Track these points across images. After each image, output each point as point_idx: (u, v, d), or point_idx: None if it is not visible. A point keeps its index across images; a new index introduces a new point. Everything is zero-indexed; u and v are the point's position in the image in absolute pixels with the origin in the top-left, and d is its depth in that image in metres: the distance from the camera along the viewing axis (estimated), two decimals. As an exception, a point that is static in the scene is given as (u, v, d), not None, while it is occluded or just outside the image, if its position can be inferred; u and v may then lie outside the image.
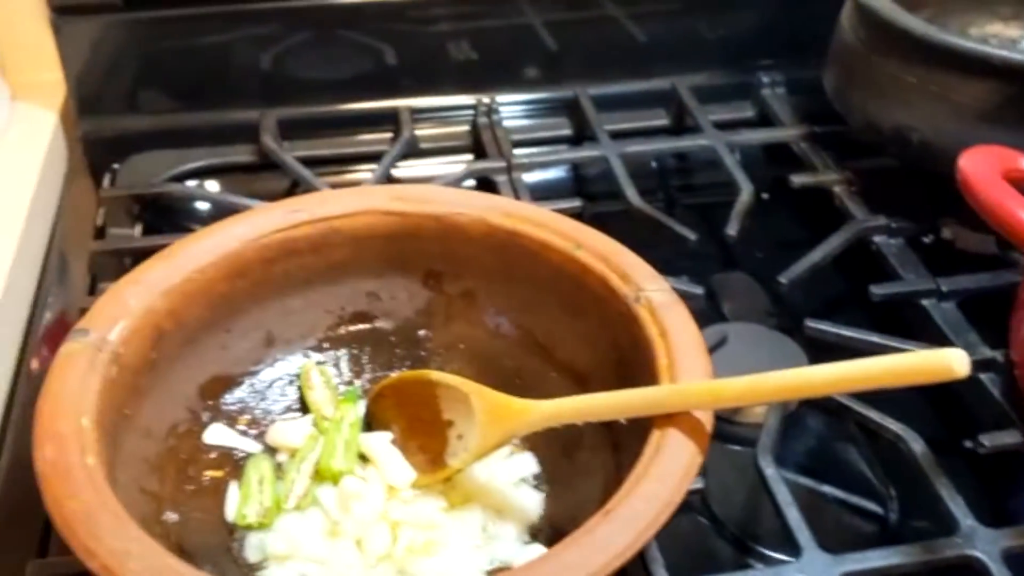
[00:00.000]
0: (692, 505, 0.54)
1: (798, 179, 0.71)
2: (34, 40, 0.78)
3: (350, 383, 0.54)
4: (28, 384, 0.59)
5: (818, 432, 0.59)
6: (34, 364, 0.60)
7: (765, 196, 0.74)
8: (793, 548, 0.47)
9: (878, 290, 0.61)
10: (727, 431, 0.57)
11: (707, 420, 0.40)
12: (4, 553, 0.49)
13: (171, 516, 0.45)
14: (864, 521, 0.54)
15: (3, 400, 0.59)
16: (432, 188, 0.55)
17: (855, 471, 0.57)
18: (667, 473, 0.38)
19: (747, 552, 0.52)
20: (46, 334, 0.63)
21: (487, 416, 0.46)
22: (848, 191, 0.69)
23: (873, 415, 0.53)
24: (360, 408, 0.52)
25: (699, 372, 0.42)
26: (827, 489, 0.55)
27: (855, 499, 0.55)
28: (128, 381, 0.45)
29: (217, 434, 0.50)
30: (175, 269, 0.48)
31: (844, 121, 0.71)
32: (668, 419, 0.40)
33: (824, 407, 0.56)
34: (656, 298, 0.46)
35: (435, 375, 0.50)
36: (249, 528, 0.47)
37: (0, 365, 0.60)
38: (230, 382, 0.52)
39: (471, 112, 0.80)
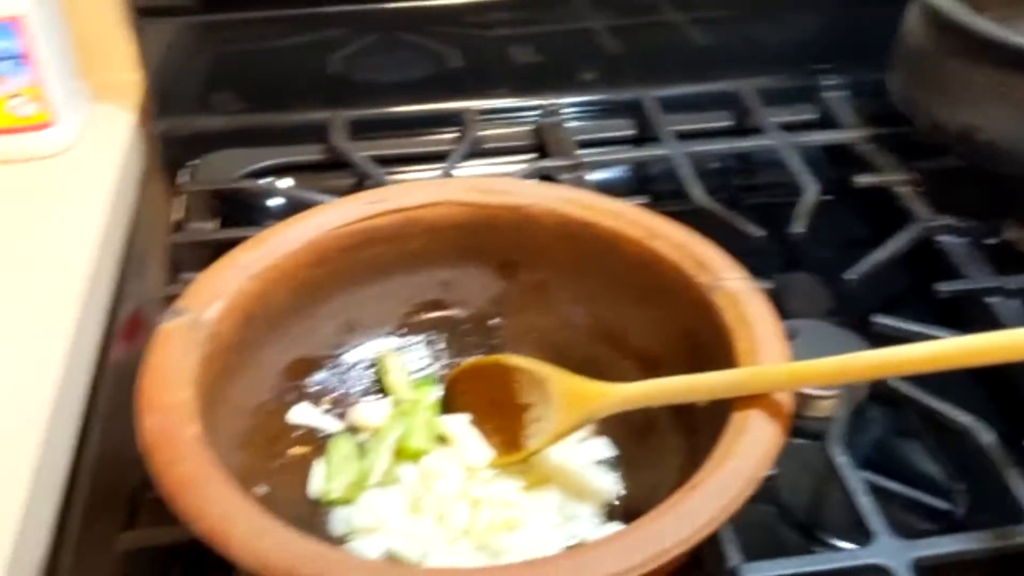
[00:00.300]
0: (760, 494, 0.55)
1: (862, 179, 0.71)
2: (113, 42, 0.80)
3: (426, 368, 0.56)
4: (110, 373, 0.61)
5: (884, 427, 0.59)
6: (115, 353, 0.62)
7: (828, 197, 0.75)
8: (864, 535, 0.48)
9: (943, 287, 0.62)
10: (795, 424, 0.58)
11: (788, 402, 0.41)
12: (95, 527, 0.51)
13: (260, 489, 0.47)
14: (931, 516, 0.55)
15: (87, 387, 0.61)
16: (508, 180, 0.57)
17: (921, 466, 0.57)
18: (750, 451, 0.39)
19: (815, 541, 0.53)
20: (125, 324, 0.65)
21: (564, 399, 0.47)
22: (912, 191, 0.70)
23: (942, 407, 0.53)
24: (437, 391, 0.54)
25: (779, 357, 0.43)
26: (893, 485, 0.56)
27: (921, 495, 0.56)
28: (221, 359, 0.47)
29: (301, 413, 0.52)
30: (265, 254, 0.50)
31: (907, 123, 0.72)
32: (750, 400, 0.41)
33: (891, 400, 0.57)
34: (734, 286, 0.47)
35: (512, 359, 0.51)
36: (333, 503, 0.49)
37: (84, 355, 0.62)
38: (313, 364, 0.53)
39: (534, 113, 0.81)
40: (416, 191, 0.54)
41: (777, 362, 0.43)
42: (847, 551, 0.48)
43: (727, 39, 0.83)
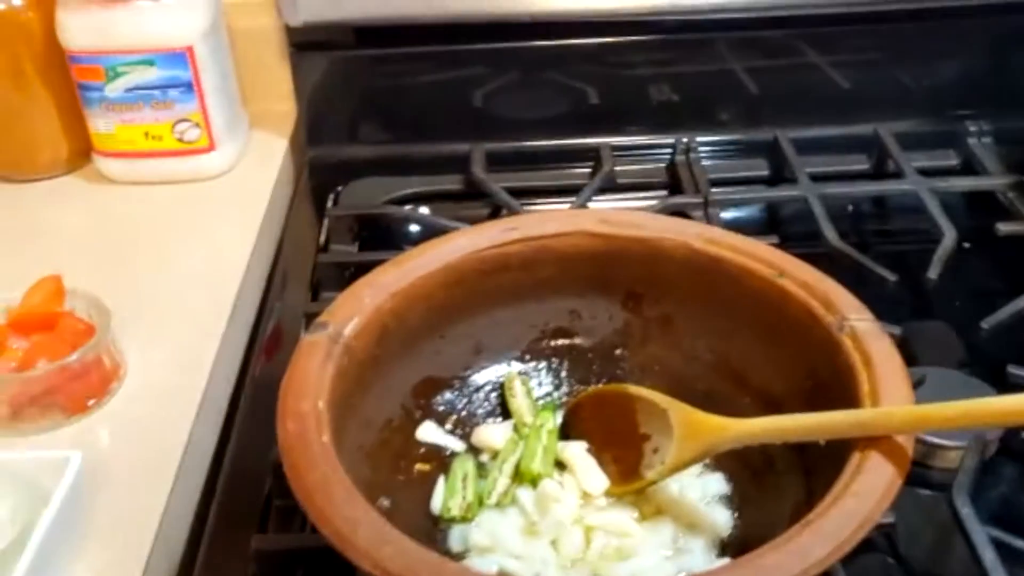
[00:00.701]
0: (878, 545, 0.54)
1: (1005, 227, 0.70)
2: (273, 74, 0.86)
3: (549, 394, 0.57)
4: (251, 384, 0.64)
5: (1013, 483, 0.57)
6: (256, 365, 0.66)
7: (966, 245, 0.74)
8: (989, 589, 0.46)
9: (1086, 340, 0.60)
10: (918, 474, 0.57)
11: (908, 444, 0.41)
12: (229, 529, 0.54)
13: (384, 502, 0.49)
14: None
15: (229, 396, 0.65)
16: (638, 213, 0.58)
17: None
18: (867, 492, 0.39)
19: (935, 595, 0.51)
20: (266, 338, 0.68)
21: (684, 431, 0.48)
22: (1058, 242, 0.68)
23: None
24: (558, 417, 0.55)
25: (903, 400, 0.43)
26: (1020, 543, 0.54)
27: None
28: (355, 373, 0.49)
29: (428, 431, 0.54)
30: (403, 274, 0.52)
31: (1057, 172, 0.70)
32: (869, 441, 0.41)
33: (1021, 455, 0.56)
34: (860, 327, 0.46)
35: (634, 389, 0.52)
36: (452, 520, 0.50)
37: (228, 364, 0.66)
38: (441, 384, 0.55)
39: (669, 151, 0.82)
40: (549, 220, 0.56)
41: (900, 404, 0.42)
42: (969, 606, 0.47)
43: (868, 82, 0.82)
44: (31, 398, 0.57)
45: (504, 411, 0.56)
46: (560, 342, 0.58)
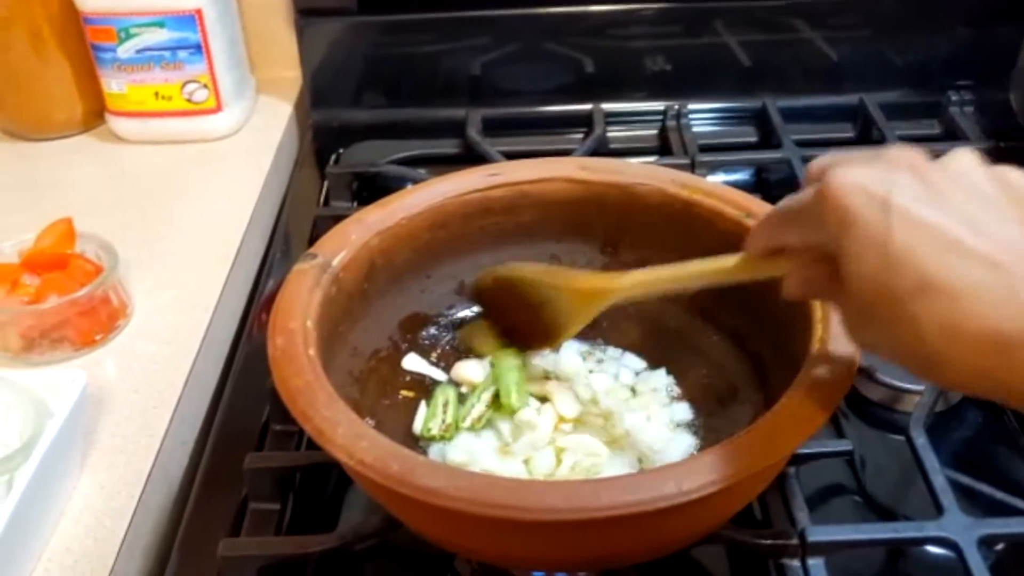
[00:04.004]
0: (848, 487, 0.56)
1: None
2: (281, 42, 0.89)
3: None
4: (249, 337, 0.67)
5: (978, 427, 0.60)
6: (255, 314, 0.69)
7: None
8: (937, 511, 0.49)
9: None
10: (886, 418, 0.60)
11: (836, 394, 0.43)
12: (230, 451, 0.57)
13: (368, 421, 0.52)
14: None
15: (232, 335, 0.68)
16: (616, 161, 0.60)
17: (1012, 469, 0.57)
18: (786, 425, 0.41)
19: (895, 523, 0.54)
20: (268, 292, 0.71)
21: (575, 294, 0.51)
22: (1028, 202, 0.70)
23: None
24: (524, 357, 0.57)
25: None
26: (982, 486, 0.57)
27: (1008, 498, 0.56)
28: (344, 303, 0.52)
29: (413, 362, 0.57)
30: (389, 214, 0.55)
31: (1030, 137, 0.72)
32: (804, 389, 0.43)
33: (988, 401, 0.58)
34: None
35: (518, 273, 0.54)
36: (432, 440, 0.53)
37: (233, 307, 0.70)
38: (426, 320, 0.58)
39: (661, 117, 0.85)
40: (529, 167, 0.59)
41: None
42: (915, 523, 0.49)
43: (855, 54, 0.85)
44: (42, 331, 0.60)
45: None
46: (541, 285, 0.60)
